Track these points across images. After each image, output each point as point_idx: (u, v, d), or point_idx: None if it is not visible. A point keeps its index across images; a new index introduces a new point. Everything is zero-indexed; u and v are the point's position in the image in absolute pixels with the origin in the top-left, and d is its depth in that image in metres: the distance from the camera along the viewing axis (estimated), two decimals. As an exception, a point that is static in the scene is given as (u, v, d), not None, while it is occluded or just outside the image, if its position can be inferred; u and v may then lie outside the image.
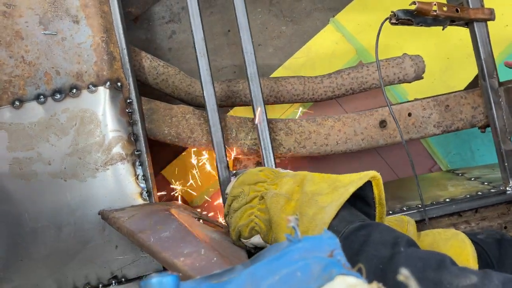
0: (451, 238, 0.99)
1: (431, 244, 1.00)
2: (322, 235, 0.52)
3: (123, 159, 1.19)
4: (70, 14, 1.18)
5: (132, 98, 1.22)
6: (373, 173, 0.82)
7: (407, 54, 1.47)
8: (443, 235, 1.01)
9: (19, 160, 1.14)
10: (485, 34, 1.28)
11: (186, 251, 0.77)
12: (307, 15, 1.86)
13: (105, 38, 1.19)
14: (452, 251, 0.96)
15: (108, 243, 1.17)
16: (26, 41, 1.16)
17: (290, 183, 0.90)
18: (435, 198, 1.30)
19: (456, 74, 1.84)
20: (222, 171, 1.22)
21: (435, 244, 0.99)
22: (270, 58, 1.83)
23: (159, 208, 1.07)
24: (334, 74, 1.46)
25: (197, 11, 1.23)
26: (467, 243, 0.97)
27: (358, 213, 0.81)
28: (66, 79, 1.17)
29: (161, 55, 1.80)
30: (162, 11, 1.82)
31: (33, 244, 1.14)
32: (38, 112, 1.16)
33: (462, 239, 0.98)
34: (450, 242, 0.98)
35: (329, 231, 0.74)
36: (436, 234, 1.02)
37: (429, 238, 1.02)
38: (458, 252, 0.96)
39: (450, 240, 0.99)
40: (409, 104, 1.36)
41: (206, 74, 1.23)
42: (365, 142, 1.34)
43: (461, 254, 0.95)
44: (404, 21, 1.24)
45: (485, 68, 1.29)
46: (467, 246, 0.96)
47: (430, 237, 1.02)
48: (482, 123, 1.36)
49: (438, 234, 1.02)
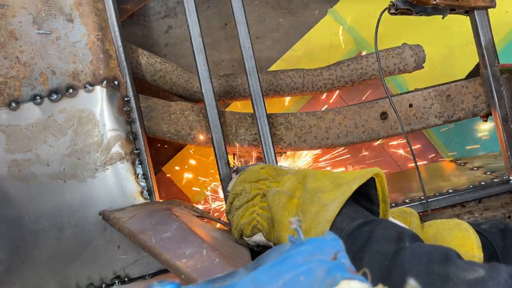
0: (455, 228, 0.99)
1: (434, 235, 0.99)
2: (325, 236, 0.51)
3: (123, 158, 1.18)
4: (64, 13, 1.16)
5: (130, 96, 1.20)
6: (376, 170, 0.81)
7: (407, 44, 1.45)
8: (446, 225, 1.01)
9: (18, 162, 1.13)
10: (486, 22, 1.26)
11: (188, 252, 0.76)
12: (304, 6, 1.83)
13: (100, 36, 1.18)
14: (456, 241, 0.96)
15: (110, 243, 1.17)
16: (20, 41, 1.14)
17: (292, 181, 0.89)
18: (438, 189, 1.29)
19: (457, 61, 1.82)
20: (222, 168, 1.21)
21: (438, 235, 0.99)
22: (269, 50, 1.81)
23: (160, 207, 1.06)
24: (334, 66, 1.45)
25: (193, 7, 1.21)
26: (470, 232, 0.96)
27: (361, 209, 0.80)
28: (62, 79, 1.15)
29: (158, 50, 1.78)
30: (158, 6, 1.80)
31: (35, 247, 1.14)
32: (35, 113, 1.14)
33: (465, 228, 0.98)
34: (454, 232, 0.98)
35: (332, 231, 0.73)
36: (440, 224, 1.02)
37: (432, 229, 1.01)
38: (462, 242, 0.95)
39: (454, 230, 0.98)
40: (410, 95, 1.35)
41: (204, 70, 1.21)
42: (366, 134, 1.33)
43: (465, 243, 0.94)
44: (403, 11, 1.22)
45: (486, 57, 1.27)
46: (470, 235, 0.95)
47: (434, 228, 1.01)
48: (484, 112, 1.35)
49: (441, 224, 1.02)
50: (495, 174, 1.31)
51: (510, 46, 1.83)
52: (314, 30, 1.82)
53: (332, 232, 0.50)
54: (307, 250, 0.48)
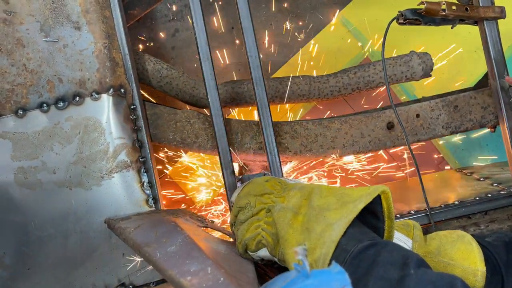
0: (457, 241, 0.98)
1: (437, 248, 0.99)
2: (331, 269, 0.51)
3: (128, 167, 1.18)
4: (71, 20, 1.16)
5: (136, 104, 1.20)
6: (382, 188, 0.80)
7: (415, 51, 1.44)
8: (449, 237, 1.01)
9: (24, 169, 1.14)
10: (495, 33, 1.25)
11: (193, 269, 0.76)
12: (312, 10, 1.82)
13: (107, 44, 1.17)
14: (459, 254, 0.95)
15: (115, 251, 1.17)
16: (27, 48, 1.14)
17: (297, 197, 0.88)
18: (444, 200, 1.28)
19: (466, 68, 1.80)
20: (227, 177, 1.21)
21: (441, 248, 0.98)
22: (275, 55, 1.81)
23: (165, 217, 1.06)
24: (340, 73, 1.44)
25: (200, 14, 1.20)
26: (473, 246, 0.96)
27: (367, 230, 0.80)
28: (68, 86, 1.16)
29: (164, 53, 1.78)
30: (165, 9, 1.79)
31: (40, 253, 1.14)
32: (42, 121, 1.15)
33: (468, 241, 0.97)
34: (457, 245, 0.97)
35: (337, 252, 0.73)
36: (443, 237, 1.02)
37: (435, 242, 1.01)
38: (465, 255, 0.95)
39: (457, 243, 0.98)
40: (417, 105, 1.34)
41: (210, 79, 1.21)
42: (372, 144, 1.32)
43: (468, 257, 0.94)
44: (412, 21, 1.21)
45: (495, 68, 1.26)
46: (473, 248, 0.95)
47: (437, 241, 1.01)
48: (491, 123, 1.34)
49: (444, 237, 1.01)
50: (502, 186, 1.30)
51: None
52: (321, 34, 1.81)
53: (338, 265, 0.50)
54: (313, 284, 0.48)
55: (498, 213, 1.27)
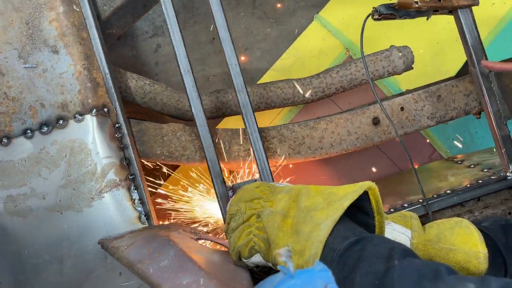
0: (456, 226, 0.98)
1: (437, 235, 0.99)
2: (314, 268, 0.51)
3: (118, 185, 1.17)
4: (49, 45, 1.16)
5: (121, 122, 1.20)
6: (368, 184, 0.80)
7: (395, 46, 1.45)
8: (447, 224, 1.01)
9: (13, 198, 1.13)
10: (471, 20, 1.26)
11: (185, 281, 0.76)
12: (290, 14, 1.83)
13: (87, 65, 1.18)
14: (459, 239, 0.95)
15: (111, 271, 1.17)
16: (7, 77, 1.14)
17: (285, 199, 0.89)
18: (436, 190, 1.29)
19: (447, 57, 1.81)
20: (218, 186, 1.21)
21: (441, 235, 0.98)
22: (258, 61, 1.81)
23: (157, 232, 1.06)
24: (323, 73, 1.44)
25: (177, 29, 1.21)
26: (472, 229, 0.96)
27: (354, 226, 0.80)
28: (51, 111, 1.16)
29: (148, 70, 1.78)
30: (145, 25, 1.80)
31: (36, 280, 1.13)
32: (27, 147, 1.14)
33: (466, 225, 0.98)
34: (456, 230, 0.98)
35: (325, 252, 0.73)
36: (440, 224, 1.02)
37: (434, 230, 1.01)
38: (465, 239, 0.95)
39: (455, 228, 0.98)
40: (401, 98, 1.34)
41: (193, 91, 1.21)
42: (359, 141, 1.33)
43: (468, 240, 0.94)
44: (387, 16, 1.22)
45: (474, 55, 1.27)
46: (472, 231, 0.95)
47: (435, 229, 1.01)
48: (476, 110, 1.35)
49: (442, 224, 1.01)
50: (492, 171, 1.31)
51: (499, 38, 1.83)
52: (302, 37, 1.82)
53: (321, 263, 0.50)
54: (297, 284, 0.48)
55: (491, 199, 1.27)
